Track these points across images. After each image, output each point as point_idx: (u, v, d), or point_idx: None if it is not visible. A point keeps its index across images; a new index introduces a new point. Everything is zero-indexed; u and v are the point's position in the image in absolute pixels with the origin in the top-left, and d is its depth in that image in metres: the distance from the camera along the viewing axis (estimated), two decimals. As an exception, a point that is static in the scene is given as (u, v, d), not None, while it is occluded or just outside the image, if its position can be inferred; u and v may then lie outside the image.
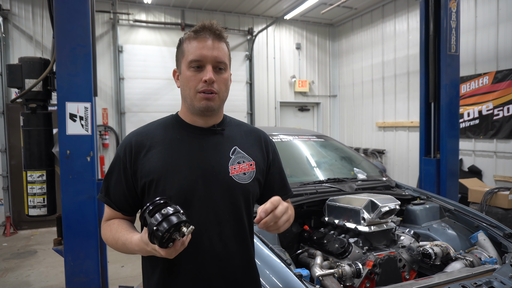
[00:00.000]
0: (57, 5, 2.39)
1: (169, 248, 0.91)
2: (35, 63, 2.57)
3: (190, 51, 1.17)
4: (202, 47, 1.15)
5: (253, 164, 1.26)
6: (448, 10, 3.80)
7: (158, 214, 0.90)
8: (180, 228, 0.90)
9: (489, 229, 2.33)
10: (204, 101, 1.16)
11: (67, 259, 2.46)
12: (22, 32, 6.47)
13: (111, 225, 1.20)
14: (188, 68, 1.17)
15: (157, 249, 0.93)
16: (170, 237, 0.90)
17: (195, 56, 1.15)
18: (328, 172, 2.99)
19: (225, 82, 1.20)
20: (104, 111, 7.06)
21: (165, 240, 0.89)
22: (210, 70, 1.15)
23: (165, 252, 0.92)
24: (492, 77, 5.44)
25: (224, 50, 1.19)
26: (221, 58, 1.17)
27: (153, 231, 0.89)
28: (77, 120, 2.44)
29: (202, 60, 1.15)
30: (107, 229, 1.20)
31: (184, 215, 0.92)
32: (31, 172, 2.55)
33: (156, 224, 0.89)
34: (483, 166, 5.70)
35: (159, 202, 0.94)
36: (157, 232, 0.88)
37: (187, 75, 1.17)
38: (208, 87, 1.15)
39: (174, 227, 0.89)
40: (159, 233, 0.88)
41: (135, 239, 1.05)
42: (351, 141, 8.67)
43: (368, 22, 8.05)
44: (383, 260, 1.94)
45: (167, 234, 0.89)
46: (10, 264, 4.54)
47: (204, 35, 1.16)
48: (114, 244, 1.16)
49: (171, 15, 7.60)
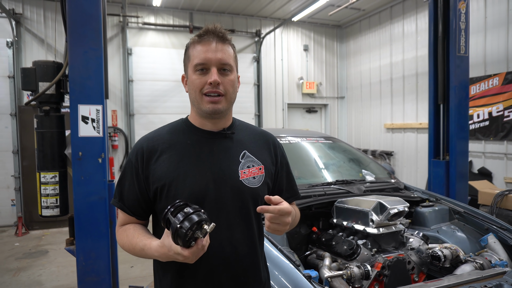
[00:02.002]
0: (70, 10, 2.44)
1: (192, 247, 0.94)
2: (49, 66, 2.62)
3: (195, 55, 1.19)
4: (206, 50, 1.17)
5: (262, 168, 1.27)
6: (457, 11, 3.78)
7: (180, 214, 0.94)
8: (202, 226, 0.93)
9: (500, 232, 2.31)
10: (210, 104, 1.18)
11: (79, 259, 2.50)
12: (34, 35, 6.59)
13: (127, 231, 1.21)
14: (194, 72, 1.19)
15: (180, 251, 0.95)
16: (193, 236, 0.93)
17: (200, 59, 1.17)
18: (336, 174, 3.00)
19: (231, 83, 1.21)
20: (113, 113, 7.14)
21: (188, 238, 0.93)
22: (215, 72, 1.17)
23: (189, 252, 0.95)
24: (503, 78, 5.38)
25: (229, 52, 1.21)
26: (226, 60, 1.18)
27: (177, 229, 0.93)
28: (89, 122, 2.48)
29: (207, 63, 1.17)
30: (123, 234, 1.22)
31: (205, 214, 0.97)
32: (44, 173, 2.60)
33: (179, 223, 0.92)
34: (493, 168, 5.64)
35: (179, 204, 0.98)
36: (181, 230, 0.92)
37: (193, 79, 1.19)
38: (214, 89, 1.16)
39: (196, 224, 0.92)
40: (183, 231, 0.92)
41: (154, 245, 1.06)
42: (359, 142, 8.63)
43: (376, 23, 8.02)
44: (392, 262, 1.94)
45: (190, 232, 0.92)
46: (22, 263, 4.61)
47: (207, 38, 1.18)
48: (132, 250, 1.17)
49: (179, 18, 7.67)
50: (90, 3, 2.46)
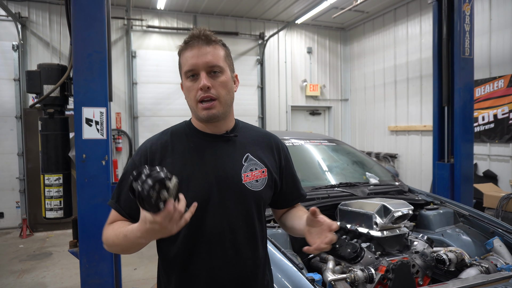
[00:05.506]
0: (75, 13, 2.46)
1: (162, 211, 0.88)
2: (53, 69, 2.64)
3: (184, 62, 1.19)
4: (192, 56, 1.17)
5: (265, 171, 1.26)
6: (461, 13, 3.76)
7: (141, 177, 0.87)
8: (165, 184, 0.87)
9: (505, 235, 2.29)
10: (205, 111, 1.17)
11: (83, 261, 2.51)
12: (40, 38, 6.64)
13: (114, 225, 1.18)
14: (186, 79, 1.19)
15: (151, 217, 0.89)
16: (159, 197, 0.86)
17: (188, 66, 1.17)
18: (340, 176, 2.98)
19: (223, 85, 1.19)
20: (117, 115, 7.18)
21: (154, 200, 0.86)
22: (204, 76, 1.15)
23: (161, 217, 0.88)
24: (508, 80, 5.35)
25: (217, 53, 1.18)
26: (213, 62, 1.17)
27: (139, 193, 0.86)
28: (93, 124, 2.49)
29: (195, 68, 1.16)
30: (109, 228, 1.18)
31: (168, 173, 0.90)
32: (48, 176, 2.61)
33: (140, 185, 0.86)
34: (498, 171, 5.59)
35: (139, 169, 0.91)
36: (143, 192, 0.85)
37: (187, 86, 1.20)
38: (205, 93, 1.15)
39: (158, 182, 0.86)
40: (145, 192, 0.85)
41: (135, 225, 1.00)
42: (363, 145, 8.60)
43: (380, 25, 8.01)
44: (396, 265, 1.93)
45: (154, 192, 0.85)
46: (26, 265, 4.63)
47: (193, 43, 1.18)
48: (115, 240, 1.11)
49: (183, 21, 7.70)
50: (95, 7, 2.48)
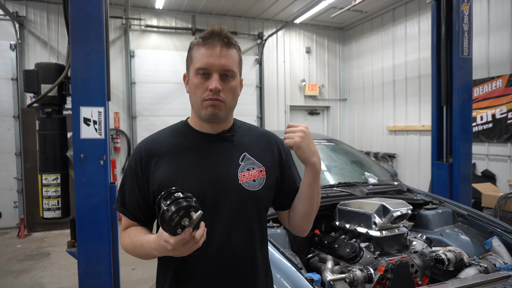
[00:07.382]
0: (73, 12, 2.44)
1: (178, 235, 0.91)
2: (51, 68, 2.62)
3: (197, 58, 1.16)
4: (209, 55, 1.14)
5: (263, 170, 1.24)
6: (460, 13, 3.76)
7: (170, 199, 0.92)
8: (189, 213, 0.90)
9: (504, 235, 2.29)
10: (210, 108, 1.15)
11: (80, 261, 2.49)
12: (37, 38, 6.62)
13: (129, 232, 1.21)
14: (196, 75, 1.16)
15: (167, 237, 0.92)
16: (180, 222, 0.90)
17: (202, 64, 1.14)
18: (339, 176, 2.98)
19: (232, 90, 1.18)
20: (116, 115, 7.16)
21: (174, 224, 0.89)
22: (217, 78, 1.14)
23: (174, 240, 0.91)
24: (506, 80, 5.36)
25: (233, 58, 1.17)
26: (229, 66, 1.15)
27: (163, 212, 0.90)
28: (91, 124, 2.48)
29: (209, 68, 1.14)
30: (125, 236, 1.21)
31: (196, 203, 0.93)
32: (46, 175, 2.60)
33: (166, 206, 0.90)
34: (497, 171, 5.60)
35: (172, 189, 0.96)
36: (167, 213, 0.89)
37: (194, 82, 1.17)
38: (214, 95, 1.14)
39: (183, 209, 0.89)
40: (168, 213, 0.89)
41: (152, 237, 1.06)
42: (362, 145, 8.61)
43: (379, 25, 8.01)
44: (395, 265, 1.92)
45: (176, 217, 0.89)
46: (24, 265, 4.62)
47: (212, 42, 1.15)
48: (133, 249, 1.16)
49: (182, 20, 7.69)
50: (93, 6, 2.46)
